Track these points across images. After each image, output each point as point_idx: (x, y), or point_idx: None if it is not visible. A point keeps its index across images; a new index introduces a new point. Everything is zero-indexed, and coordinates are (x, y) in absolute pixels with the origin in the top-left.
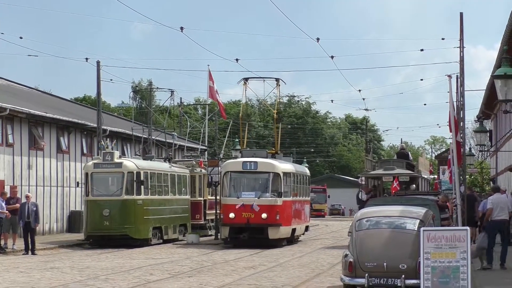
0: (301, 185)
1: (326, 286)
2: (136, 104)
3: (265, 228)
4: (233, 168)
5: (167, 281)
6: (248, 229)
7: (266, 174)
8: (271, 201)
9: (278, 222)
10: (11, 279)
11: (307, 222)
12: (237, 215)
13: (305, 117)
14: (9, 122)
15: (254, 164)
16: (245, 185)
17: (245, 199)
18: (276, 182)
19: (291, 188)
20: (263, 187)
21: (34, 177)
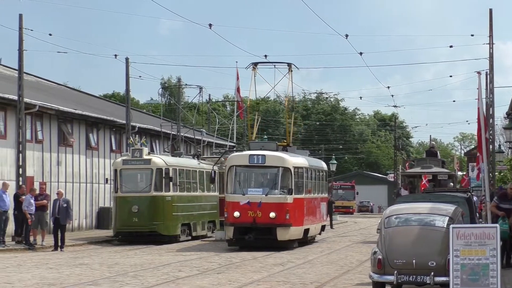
0: (316, 181)
1: (355, 283)
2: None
3: (273, 228)
4: (238, 162)
5: (196, 278)
6: (254, 229)
7: (274, 168)
8: (280, 198)
9: (288, 222)
10: (41, 275)
11: (323, 222)
12: (243, 213)
13: (333, 113)
14: (39, 119)
15: (261, 157)
16: (252, 180)
17: (251, 196)
18: (286, 177)
19: (303, 184)
20: (271, 183)
21: (63, 173)
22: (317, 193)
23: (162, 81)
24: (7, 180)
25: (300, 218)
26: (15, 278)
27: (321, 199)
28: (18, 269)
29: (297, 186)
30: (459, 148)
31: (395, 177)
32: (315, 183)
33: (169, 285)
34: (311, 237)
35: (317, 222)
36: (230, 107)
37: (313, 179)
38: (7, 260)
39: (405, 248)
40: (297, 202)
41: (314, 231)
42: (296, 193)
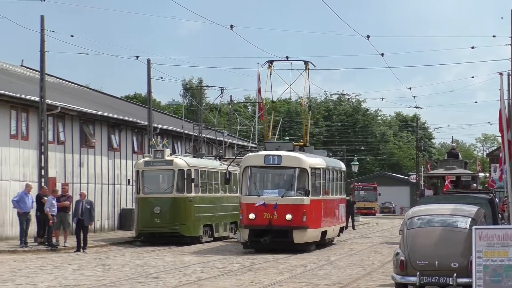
0: (334, 182)
1: (377, 285)
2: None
3: (289, 231)
4: (254, 162)
5: (218, 279)
6: (270, 232)
7: (291, 169)
8: (297, 200)
9: (304, 224)
10: (63, 276)
11: (341, 223)
12: (258, 215)
13: (355, 114)
14: (61, 120)
15: (277, 158)
16: (268, 182)
17: (267, 198)
18: (303, 178)
19: (321, 185)
20: (287, 184)
21: (85, 174)
22: (335, 194)
23: (183, 82)
24: (30, 181)
25: (317, 220)
26: (38, 279)
27: (339, 201)
28: (41, 270)
29: (314, 187)
30: (481, 149)
31: (417, 178)
32: (333, 184)
33: (191, 286)
34: (329, 239)
35: (335, 224)
36: (251, 108)
37: (330, 180)
38: (29, 261)
39: (427, 249)
40: (314, 204)
41: (332, 233)
42: (313, 194)
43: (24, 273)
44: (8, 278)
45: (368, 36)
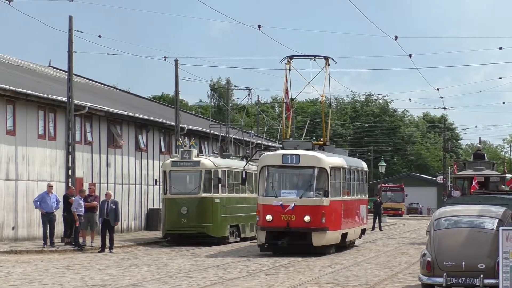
0: (355, 182)
1: (403, 286)
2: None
3: (308, 233)
4: (271, 162)
5: (245, 279)
6: (288, 234)
7: (310, 169)
8: (316, 201)
9: (324, 226)
10: (90, 277)
11: (363, 225)
12: (275, 217)
13: (382, 115)
14: (88, 120)
15: (295, 157)
16: (285, 182)
17: (284, 199)
18: (322, 178)
19: (341, 186)
20: (306, 184)
21: (113, 174)
22: (356, 195)
23: (211, 82)
24: (57, 182)
25: (337, 222)
26: (64, 279)
27: (360, 201)
28: (67, 270)
29: (334, 188)
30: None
31: (445, 179)
32: (353, 185)
33: (217, 287)
34: (349, 241)
35: (356, 225)
36: (278, 109)
37: (351, 180)
38: (56, 261)
39: (454, 250)
40: (334, 205)
41: (353, 235)
42: (333, 195)
43: (51, 273)
44: (35, 278)
45: (396, 37)
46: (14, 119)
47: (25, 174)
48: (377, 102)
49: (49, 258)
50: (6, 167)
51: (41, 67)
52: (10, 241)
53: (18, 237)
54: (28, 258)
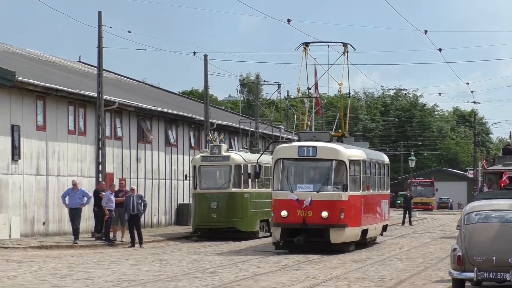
0: (376, 176)
1: (434, 280)
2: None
3: (325, 229)
4: (286, 154)
5: (275, 274)
6: (304, 231)
7: (327, 162)
8: (334, 195)
9: (342, 222)
10: (121, 271)
11: (385, 221)
12: (291, 213)
13: (412, 110)
14: (118, 116)
15: (312, 149)
16: (301, 175)
17: (300, 193)
18: (341, 172)
19: (360, 180)
20: (323, 178)
21: (143, 170)
22: (377, 189)
23: (240, 77)
24: (87, 177)
25: (357, 218)
26: (95, 274)
27: (382, 196)
28: (98, 265)
29: (353, 182)
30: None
31: (475, 174)
32: (374, 179)
33: (247, 281)
34: (370, 238)
35: (378, 222)
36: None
37: (372, 174)
38: (87, 256)
39: (485, 245)
40: (353, 200)
41: (374, 232)
42: (352, 189)
43: (81, 268)
44: (66, 273)
45: (425, 31)
46: (44, 114)
47: (56, 169)
48: (407, 96)
49: (80, 253)
50: (36, 162)
51: (71, 63)
52: (41, 236)
53: (48, 232)
54: (58, 253)
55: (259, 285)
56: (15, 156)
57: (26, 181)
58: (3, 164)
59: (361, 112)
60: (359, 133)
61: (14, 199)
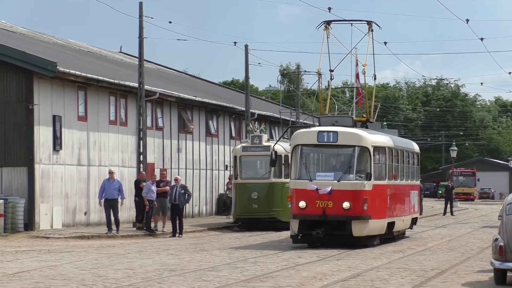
0: (404, 165)
1: (475, 270)
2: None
3: (347, 222)
4: (305, 140)
5: (316, 264)
6: (324, 223)
7: (349, 148)
8: (356, 185)
9: (366, 214)
10: (162, 261)
11: (414, 213)
12: (310, 204)
13: (453, 100)
14: (159, 106)
15: (333, 134)
16: (321, 163)
17: (320, 182)
18: (364, 159)
19: (386, 168)
20: (345, 166)
21: (183, 160)
22: (405, 179)
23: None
24: (128, 167)
25: (382, 209)
26: (136, 264)
27: (411, 187)
28: (139, 255)
29: (378, 170)
30: None
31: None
32: (402, 167)
33: (288, 271)
34: (397, 232)
35: (406, 214)
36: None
37: (399, 162)
38: (128, 246)
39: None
40: (378, 190)
41: (401, 225)
42: (376, 178)
43: (122, 258)
44: (107, 263)
45: (467, 20)
46: (85, 105)
47: (97, 159)
48: (448, 86)
49: (121, 243)
50: (78, 152)
51: (112, 53)
52: (83, 226)
53: (90, 222)
54: (100, 243)
55: (300, 275)
56: (57, 147)
57: (68, 171)
58: (45, 154)
59: (402, 102)
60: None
61: (56, 189)
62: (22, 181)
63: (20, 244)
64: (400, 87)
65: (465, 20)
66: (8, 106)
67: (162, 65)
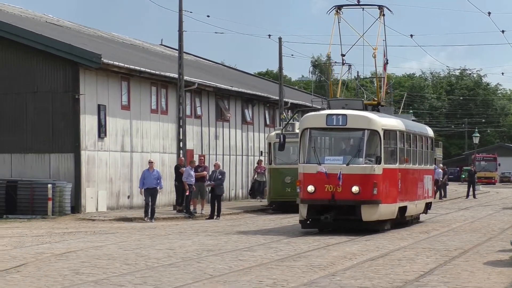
0: (417, 149)
1: (496, 250)
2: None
3: (356, 206)
4: (314, 123)
5: (345, 244)
6: (333, 208)
7: (359, 131)
8: (366, 169)
9: (375, 198)
10: (200, 242)
11: (428, 198)
12: (318, 188)
13: (476, 89)
14: (197, 96)
15: (342, 118)
16: (330, 147)
17: (329, 166)
18: (374, 143)
19: (397, 152)
20: (355, 149)
21: (221, 146)
22: (418, 163)
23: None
24: (168, 153)
25: (393, 194)
26: (177, 244)
27: (424, 171)
28: (179, 236)
29: (389, 154)
30: None
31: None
32: (415, 152)
33: (320, 251)
34: (410, 216)
35: (419, 199)
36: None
37: (411, 146)
38: (169, 228)
39: None
40: (388, 174)
41: (414, 210)
42: (387, 162)
43: (163, 238)
44: (149, 244)
45: (489, 13)
46: (128, 94)
47: (139, 146)
48: (471, 76)
49: (162, 225)
50: (121, 139)
51: (153, 46)
52: (126, 209)
53: (133, 205)
54: (142, 225)
55: (331, 255)
56: (102, 134)
57: (112, 157)
58: (91, 141)
59: (427, 91)
60: (425, 111)
61: (101, 174)
62: (69, 166)
63: (67, 226)
64: (425, 77)
65: (487, 13)
66: (56, 96)
67: (200, 56)
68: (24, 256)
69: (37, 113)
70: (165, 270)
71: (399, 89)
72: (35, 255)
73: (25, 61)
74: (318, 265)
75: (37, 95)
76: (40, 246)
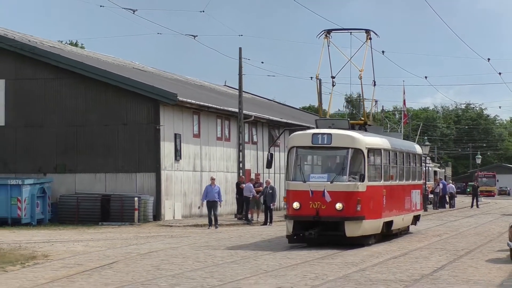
0: (404, 166)
1: (496, 250)
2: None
3: (340, 222)
4: (300, 142)
5: (374, 246)
6: (318, 224)
7: (343, 150)
8: (349, 186)
9: (359, 214)
10: (256, 244)
11: (416, 211)
12: (304, 205)
13: (478, 119)
14: (254, 126)
15: (327, 137)
16: (315, 165)
17: (313, 184)
18: (358, 161)
19: (382, 169)
20: (339, 167)
21: (272, 167)
22: (404, 179)
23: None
24: (230, 172)
25: (377, 209)
26: (237, 245)
27: (412, 186)
28: (239, 239)
29: (373, 171)
30: None
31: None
32: (402, 168)
33: (353, 251)
34: (397, 229)
35: (406, 212)
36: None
37: (398, 164)
38: (231, 232)
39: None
40: (372, 190)
41: (401, 223)
42: (371, 179)
43: (227, 241)
44: (215, 245)
45: (488, 59)
46: (198, 125)
47: (207, 166)
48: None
49: (226, 230)
50: (193, 161)
51: (219, 86)
52: (197, 217)
53: (202, 214)
54: (210, 231)
55: (362, 254)
56: (177, 157)
57: (186, 176)
58: (169, 163)
59: (439, 122)
60: (437, 137)
61: (177, 189)
62: (152, 183)
63: (150, 231)
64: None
65: (487, 59)
66: (141, 127)
67: (256, 94)
68: (115, 255)
69: (126, 140)
70: (228, 266)
71: (416, 120)
72: (124, 255)
73: (117, 99)
74: (351, 261)
75: (126, 126)
76: (128, 247)
